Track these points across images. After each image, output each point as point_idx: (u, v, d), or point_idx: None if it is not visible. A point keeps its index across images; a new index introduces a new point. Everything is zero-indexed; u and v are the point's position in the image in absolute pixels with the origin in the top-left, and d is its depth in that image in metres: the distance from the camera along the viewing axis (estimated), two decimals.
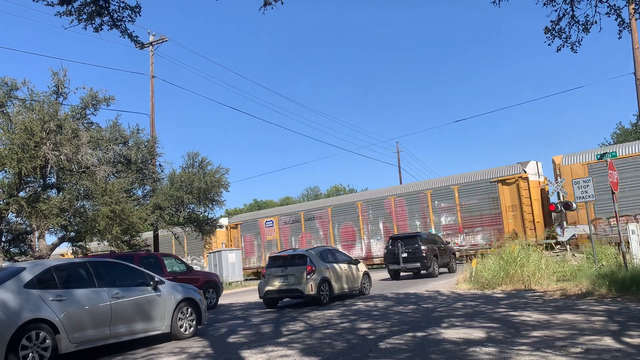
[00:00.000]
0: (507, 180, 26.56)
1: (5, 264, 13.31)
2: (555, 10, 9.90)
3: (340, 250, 22.84)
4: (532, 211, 25.63)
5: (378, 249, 30.51)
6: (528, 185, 25.97)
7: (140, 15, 8.69)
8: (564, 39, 10.14)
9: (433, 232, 27.34)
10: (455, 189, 28.48)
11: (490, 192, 27.15)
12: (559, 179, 25.03)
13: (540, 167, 27.51)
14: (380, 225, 31.07)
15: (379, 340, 8.23)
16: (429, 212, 29.29)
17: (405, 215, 30.23)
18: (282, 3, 8.55)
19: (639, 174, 22.63)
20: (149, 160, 24.72)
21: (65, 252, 39.52)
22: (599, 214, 23.17)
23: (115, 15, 8.53)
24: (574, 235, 24.22)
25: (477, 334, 8.12)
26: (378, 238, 30.73)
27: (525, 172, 26.14)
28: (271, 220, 35.77)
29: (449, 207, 28.67)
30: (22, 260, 19.07)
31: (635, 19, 10.91)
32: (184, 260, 25.10)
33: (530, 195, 25.83)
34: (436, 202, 29.12)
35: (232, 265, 30.14)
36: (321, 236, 33.27)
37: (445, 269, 23.48)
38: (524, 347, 6.90)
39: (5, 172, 18.93)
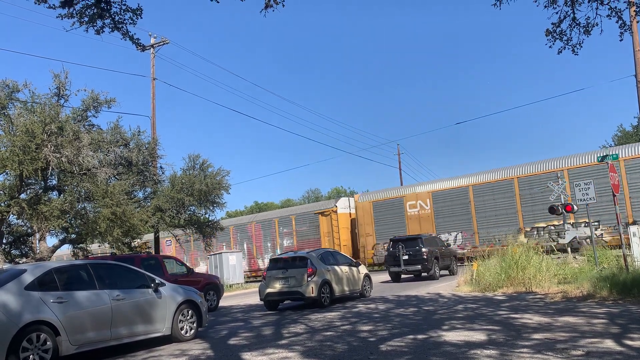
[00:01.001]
0: (324, 213, 34.01)
1: (6, 266, 13.33)
2: (557, 13, 9.91)
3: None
4: (340, 237, 33.45)
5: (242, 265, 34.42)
6: (337, 216, 33.52)
7: (141, 18, 8.71)
8: (565, 41, 10.14)
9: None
10: (292, 218, 35.81)
11: (314, 222, 34.43)
12: (559, 182, 25.03)
13: (351, 202, 34.88)
14: (245, 246, 37.30)
15: (380, 342, 8.22)
16: (276, 236, 36.13)
17: (261, 238, 36.89)
18: (284, 6, 8.56)
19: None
20: (149, 163, 24.71)
21: (65, 254, 39.60)
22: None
23: (117, 18, 8.54)
24: (574, 237, 24.19)
25: (478, 336, 8.11)
26: (242, 257, 34.05)
27: (336, 207, 33.88)
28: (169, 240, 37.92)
29: (289, 233, 35.67)
30: (23, 262, 19.09)
31: (637, 21, 10.92)
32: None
33: (338, 224, 33.46)
34: (281, 228, 36.04)
35: (232, 268, 30.12)
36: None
37: (446, 272, 23.45)
38: (525, 350, 6.89)
39: (7, 174, 18.94)
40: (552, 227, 25.45)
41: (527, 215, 26.63)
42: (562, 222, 22.83)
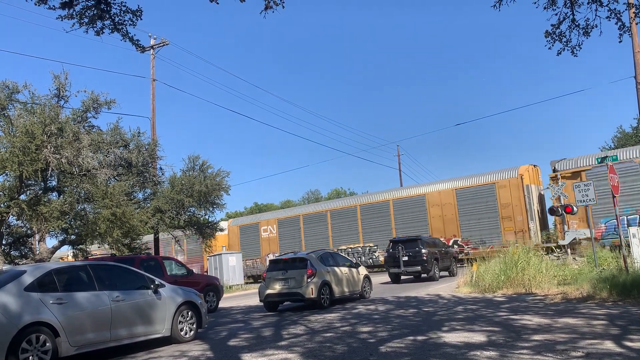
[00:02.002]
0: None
1: (5, 267, 13.32)
2: (556, 14, 9.93)
3: None
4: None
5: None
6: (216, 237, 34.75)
7: (141, 19, 8.72)
8: (565, 43, 10.16)
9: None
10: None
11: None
12: (559, 182, 25.07)
13: (224, 225, 35.78)
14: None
15: (380, 343, 8.21)
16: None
17: None
18: (283, 7, 8.56)
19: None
20: (149, 164, 24.71)
21: (64, 255, 39.62)
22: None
23: (117, 19, 8.55)
24: (574, 238, 24.22)
25: (478, 337, 8.11)
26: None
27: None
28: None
29: (180, 250, 39.17)
30: (22, 264, 19.07)
31: (636, 23, 10.92)
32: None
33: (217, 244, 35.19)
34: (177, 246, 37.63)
35: (232, 269, 30.11)
36: None
37: (446, 273, 23.45)
38: (524, 351, 6.89)
39: (6, 175, 18.93)
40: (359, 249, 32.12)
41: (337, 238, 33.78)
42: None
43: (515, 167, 28.35)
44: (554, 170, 26.20)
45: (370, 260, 31.86)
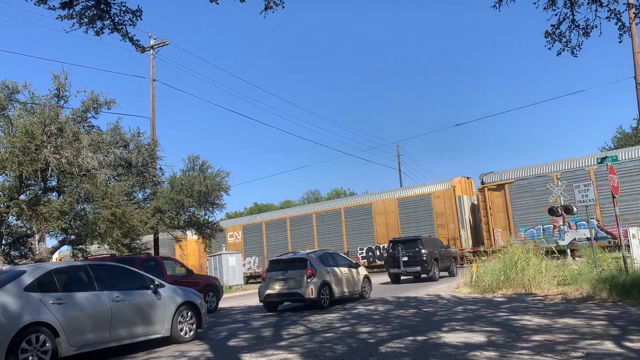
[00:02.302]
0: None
1: (5, 267, 13.32)
2: (556, 15, 9.92)
3: None
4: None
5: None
6: (187, 244, 35.96)
7: (141, 19, 8.71)
8: (564, 43, 10.15)
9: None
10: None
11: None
12: (559, 183, 25.09)
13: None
14: None
15: (380, 344, 8.22)
16: None
17: None
18: (283, 7, 8.56)
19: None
20: (149, 164, 24.71)
21: (63, 255, 39.62)
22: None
23: (117, 19, 8.55)
24: (574, 239, 24.19)
25: (478, 338, 8.11)
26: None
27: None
28: None
29: None
30: (22, 264, 19.07)
31: (636, 23, 10.91)
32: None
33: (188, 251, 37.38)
34: None
35: (232, 269, 30.09)
36: None
37: (446, 273, 23.45)
38: (524, 352, 6.89)
39: (6, 175, 18.93)
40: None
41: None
42: None
43: (449, 179, 30.73)
44: (482, 182, 28.14)
45: None
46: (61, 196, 19.78)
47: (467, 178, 30.99)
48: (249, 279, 36.06)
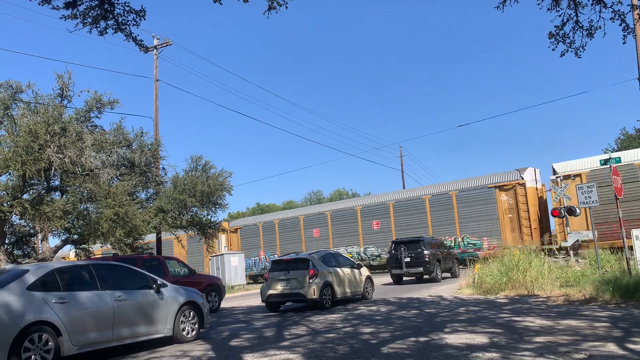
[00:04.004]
0: None
1: (8, 266, 13.34)
2: (560, 16, 9.89)
3: None
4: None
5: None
6: None
7: (144, 19, 8.73)
8: (568, 44, 10.12)
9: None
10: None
11: None
12: (562, 185, 25.03)
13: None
14: None
15: (382, 345, 8.21)
16: None
17: None
18: (287, 7, 8.57)
19: None
20: (152, 163, 24.72)
21: (66, 254, 39.68)
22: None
23: (120, 19, 8.56)
24: (577, 240, 24.16)
25: (480, 339, 8.09)
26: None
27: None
28: None
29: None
30: (25, 263, 19.11)
31: None
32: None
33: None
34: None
35: (234, 269, 30.11)
36: None
37: (448, 274, 23.41)
38: (527, 353, 6.88)
39: (10, 174, 18.97)
40: None
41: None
42: None
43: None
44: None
45: None
46: (64, 196, 19.81)
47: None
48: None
